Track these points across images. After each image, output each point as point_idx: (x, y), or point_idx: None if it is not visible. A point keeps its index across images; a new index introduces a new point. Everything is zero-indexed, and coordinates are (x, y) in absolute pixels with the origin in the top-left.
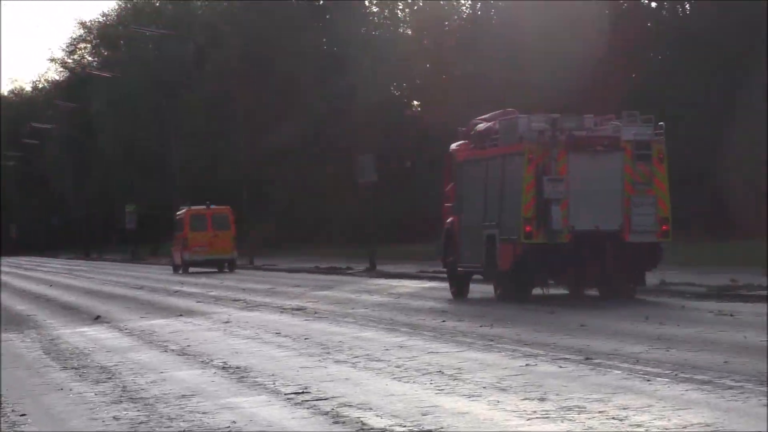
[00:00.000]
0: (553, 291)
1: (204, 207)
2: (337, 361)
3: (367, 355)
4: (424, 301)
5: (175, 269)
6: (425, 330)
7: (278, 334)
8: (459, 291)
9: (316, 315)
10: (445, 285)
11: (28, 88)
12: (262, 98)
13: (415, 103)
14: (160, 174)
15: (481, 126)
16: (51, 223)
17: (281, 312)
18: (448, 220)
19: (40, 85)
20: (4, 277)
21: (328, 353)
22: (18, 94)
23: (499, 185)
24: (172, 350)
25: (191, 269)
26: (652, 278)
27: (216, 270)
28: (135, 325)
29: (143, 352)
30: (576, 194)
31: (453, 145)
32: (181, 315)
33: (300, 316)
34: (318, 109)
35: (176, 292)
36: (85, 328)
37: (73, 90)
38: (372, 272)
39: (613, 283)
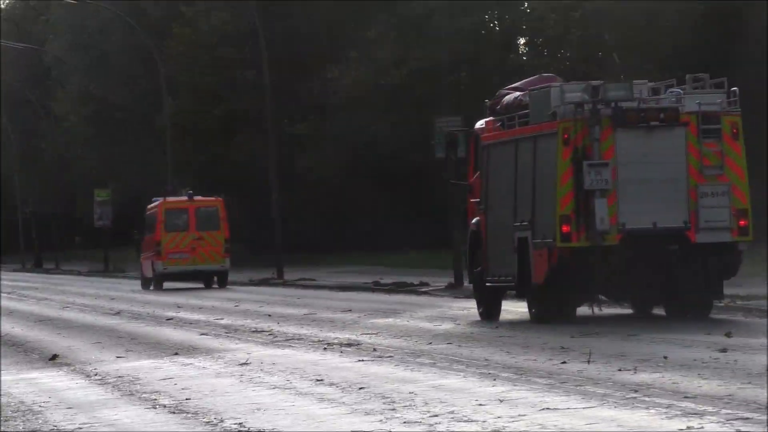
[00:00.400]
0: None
1: (185, 198)
2: (407, 422)
3: (451, 413)
4: (535, 333)
5: (145, 284)
6: (536, 375)
7: (319, 381)
8: (488, 311)
9: (375, 353)
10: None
11: None
12: (305, 28)
13: None
14: (146, 148)
15: (510, 98)
16: None
17: (324, 349)
18: (474, 220)
19: None
20: None
21: (393, 410)
22: None
23: (531, 174)
24: (164, 406)
25: (166, 284)
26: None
27: (202, 286)
28: (109, 369)
29: (121, 408)
30: (626, 184)
31: (478, 124)
32: (176, 353)
33: (352, 354)
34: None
35: (170, 320)
36: (36, 374)
37: (22, 25)
38: (457, 290)
39: (681, 297)
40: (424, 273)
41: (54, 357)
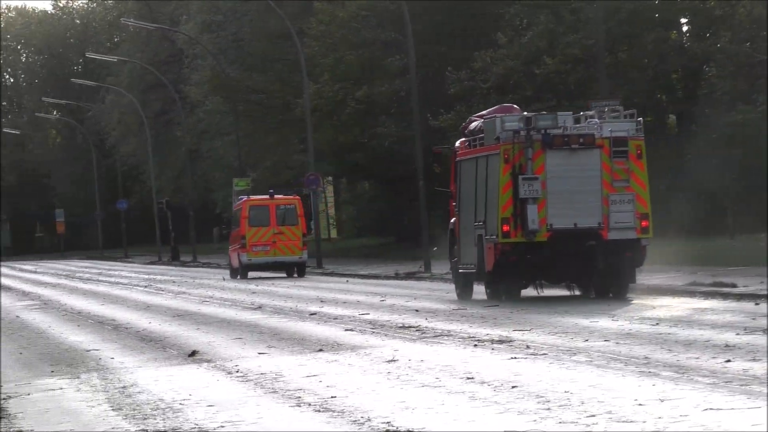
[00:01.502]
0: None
1: (266, 197)
2: (562, 422)
3: (609, 413)
4: (698, 329)
5: (233, 274)
6: (699, 374)
7: (470, 379)
8: (462, 293)
9: (528, 351)
10: (735, 306)
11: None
12: (452, 13)
13: None
14: (285, 134)
15: (474, 124)
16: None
17: (475, 345)
18: (452, 220)
19: None
20: (44, 291)
21: (547, 410)
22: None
23: (485, 185)
24: (308, 404)
25: (251, 274)
26: None
27: (284, 275)
28: (251, 365)
29: (263, 406)
30: (553, 193)
31: (457, 143)
32: (321, 350)
33: (504, 351)
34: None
35: (313, 315)
36: (175, 371)
37: (154, 5)
38: None
39: (600, 281)
40: None
41: (193, 353)
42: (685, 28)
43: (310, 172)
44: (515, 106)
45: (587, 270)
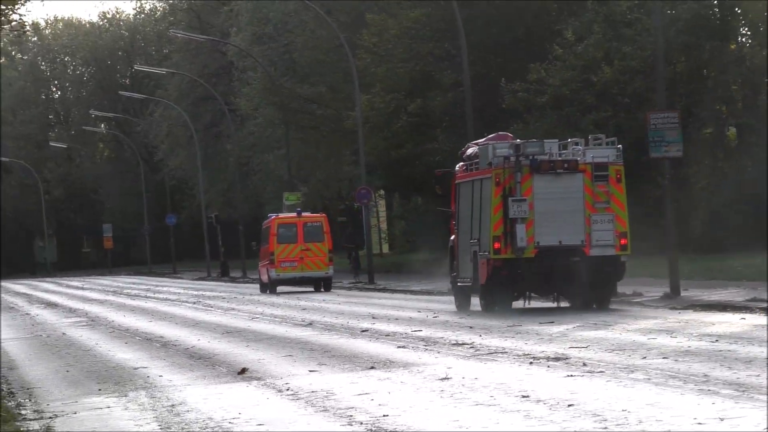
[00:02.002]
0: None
1: (294, 215)
2: None
3: None
4: (758, 346)
5: (262, 288)
6: (759, 392)
7: (525, 397)
8: (461, 305)
9: (585, 368)
10: None
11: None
12: (505, 25)
13: None
14: (336, 147)
15: (470, 150)
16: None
17: (530, 363)
18: (452, 237)
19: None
20: (91, 307)
21: (605, 429)
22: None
23: (479, 205)
24: (360, 423)
25: (279, 288)
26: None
27: (312, 289)
28: (302, 383)
29: (314, 425)
30: (540, 213)
31: (457, 166)
32: (372, 367)
33: (559, 369)
34: None
35: (364, 331)
36: (225, 388)
37: (204, 16)
38: (674, 300)
39: (583, 293)
40: (637, 282)
41: (243, 371)
42: (744, 39)
43: (362, 185)
44: (510, 134)
45: (572, 283)
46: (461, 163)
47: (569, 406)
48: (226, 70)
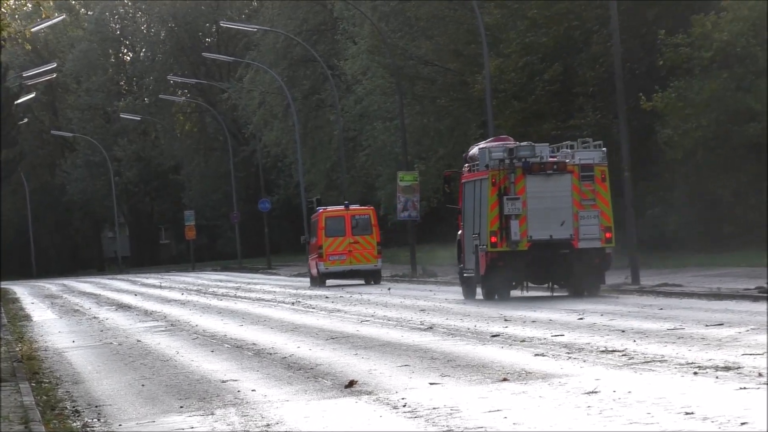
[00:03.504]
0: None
1: (342, 208)
2: None
3: None
4: None
5: (312, 282)
6: None
7: (689, 414)
8: (466, 294)
9: (761, 379)
10: None
11: None
12: None
13: None
14: (460, 118)
15: (472, 152)
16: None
17: (695, 373)
18: (459, 232)
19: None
20: (171, 310)
21: None
22: None
23: (479, 203)
24: None
25: (328, 282)
26: None
27: (362, 282)
28: (421, 398)
29: None
30: (532, 210)
31: (464, 167)
32: (505, 379)
33: (729, 380)
34: None
35: (495, 336)
36: (329, 404)
37: None
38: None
39: (574, 283)
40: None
41: (351, 383)
42: None
43: None
44: (510, 137)
45: (563, 273)
46: (467, 164)
47: (742, 424)
48: (328, 27)
